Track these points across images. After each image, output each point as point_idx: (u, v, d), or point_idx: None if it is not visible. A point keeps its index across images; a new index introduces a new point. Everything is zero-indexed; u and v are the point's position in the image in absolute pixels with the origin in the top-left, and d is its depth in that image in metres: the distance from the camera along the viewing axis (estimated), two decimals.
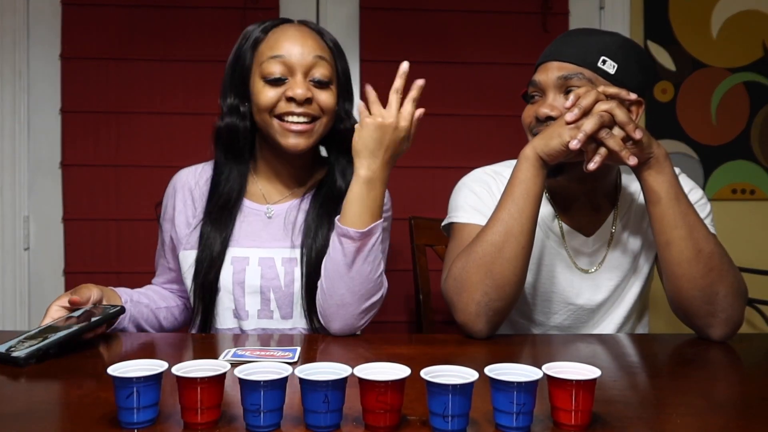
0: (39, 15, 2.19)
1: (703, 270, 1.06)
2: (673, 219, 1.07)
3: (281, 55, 1.18)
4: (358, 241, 1.09)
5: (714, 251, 1.07)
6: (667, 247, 1.08)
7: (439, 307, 1.75)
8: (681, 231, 1.07)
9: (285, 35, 1.20)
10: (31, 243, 2.22)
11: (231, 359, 0.94)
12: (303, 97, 1.17)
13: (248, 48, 1.21)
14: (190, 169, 1.31)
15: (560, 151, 1.07)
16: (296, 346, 1.03)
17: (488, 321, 1.09)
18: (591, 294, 1.25)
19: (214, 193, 1.25)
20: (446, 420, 0.66)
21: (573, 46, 1.17)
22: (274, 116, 1.19)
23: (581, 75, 1.13)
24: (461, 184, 1.31)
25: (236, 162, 1.25)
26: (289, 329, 1.21)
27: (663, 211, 1.08)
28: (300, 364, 0.82)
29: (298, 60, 1.18)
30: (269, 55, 1.18)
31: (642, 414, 0.76)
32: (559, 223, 1.26)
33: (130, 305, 1.20)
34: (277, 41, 1.19)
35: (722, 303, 1.07)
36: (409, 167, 2.26)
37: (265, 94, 1.18)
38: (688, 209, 1.08)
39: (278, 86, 1.18)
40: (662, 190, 1.07)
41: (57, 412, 0.76)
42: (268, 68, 1.18)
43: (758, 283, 2.08)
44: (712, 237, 1.09)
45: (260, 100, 1.18)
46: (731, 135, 2.34)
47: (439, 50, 2.27)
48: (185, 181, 1.28)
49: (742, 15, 2.34)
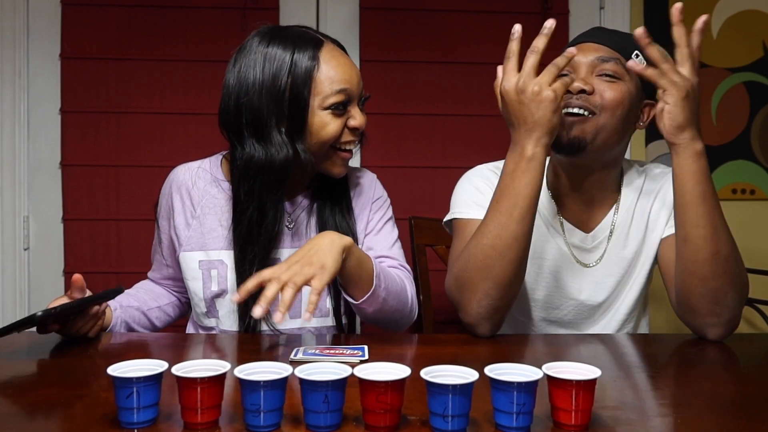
0: (39, 15, 2.19)
1: (717, 272, 1.04)
2: (696, 218, 1.04)
3: (346, 88, 1.14)
4: (365, 307, 1.13)
5: (730, 255, 1.05)
6: (685, 243, 1.06)
7: (439, 307, 1.75)
8: (702, 230, 1.04)
9: (338, 62, 1.15)
10: (31, 243, 2.22)
11: (302, 357, 0.94)
12: (365, 125, 1.18)
13: (302, 77, 1.13)
14: (187, 166, 1.27)
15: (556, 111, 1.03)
16: (364, 344, 1.02)
17: (491, 320, 1.10)
18: (593, 290, 1.25)
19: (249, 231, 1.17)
20: (446, 420, 0.66)
21: (611, 35, 1.19)
22: (330, 145, 1.17)
23: (618, 60, 1.14)
24: (463, 179, 1.30)
25: (274, 196, 1.17)
26: (298, 329, 1.21)
27: (686, 207, 1.04)
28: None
29: (357, 89, 1.17)
30: (337, 88, 1.13)
31: (642, 414, 0.76)
32: (560, 218, 1.26)
33: (120, 312, 1.19)
34: (335, 69, 1.14)
35: (729, 305, 1.06)
36: (409, 167, 2.26)
37: (333, 127, 1.15)
38: (714, 209, 1.04)
39: (341, 117, 1.16)
40: (688, 185, 1.04)
41: (57, 412, 0.76)
42: (334, 100, 1.14)
43: (758, 283, 2.08)
44: (732, 240, 1.06)
45: (327, 133, 1.14)
46: (731, 135, 2.34)
47: (439, 50, 2.27)
48: (182, 180, 1.25)
49: (742, 15, 2.34)
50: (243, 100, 1.13)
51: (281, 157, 1.12)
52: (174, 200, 1.25)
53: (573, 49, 1.05)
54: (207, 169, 1.26)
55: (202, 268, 1.21)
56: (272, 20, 2.09)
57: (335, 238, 1.05)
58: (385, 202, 1.33)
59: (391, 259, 1.26)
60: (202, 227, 1.22)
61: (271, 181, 1.14)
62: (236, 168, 1.16)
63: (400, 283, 1.18)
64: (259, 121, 1.13)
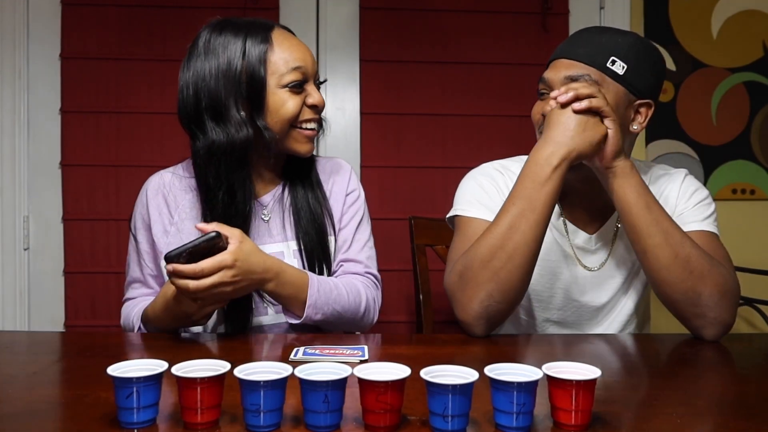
0: (39, 15, 2.19)
1: (683, 274, 1.06)
2: (646, 228, 1.08)
3: (301, 66, 1.18)
4: (310, 321, 1.16)
5: (690, 254, 1.07)
6: (644, 255, 1.09)
7: (439, 307, 1.75)
8: (655, 239, 1.07)
9: (290, 43, 1.20)
10: (30, 243, 2.22)
11: (302, 357, 0.95)
12: (323, 103, 1.21)
13: (256, 59, 1.16)
14: (160, 175, 1.29)
15: (598, 147, 1.08)
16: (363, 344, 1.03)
17: (488, 321, 1.09)
18: (595, 292, 1.25)
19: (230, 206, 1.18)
20: (446, 420, 0.66)
21: (584, 44, 1.17)
22: (291, 124, 1.19)
23: (588, 76, 1.13)
24: (469, 176, 1.30)
25: (240, 174, 1.18)
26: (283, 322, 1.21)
27: (634, 221, 1.09)
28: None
29: (311, 68, 1.21)
30: (292, 66, 1.17)
31: (642, 414, 0.76)
32: (564, 220, 1.26)
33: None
34: (290, 50, 1.19)
35: (708, 304, 1.07)
36: (409, 167, 2.26)
37: (292, 104, 1.18)
38: (660, 216, 1.09)
39: (299, 95, 1.19)
40: (631, 200, 1.09)
41: (57, 412, 0.76)
42: (291, 77, 1.17)
43: (758, 283, 2.09)
44: (689, 240, 1.08)
45: (287, 110, 1.18)
46: (731, 135, 2.34)
47: (439, 50, 2.27)
48: (157, 188, 1.26)
49: (742, 15, 2.34)
50: (200, 86, 1.16)
51: (241, 136, 1.15)
52: (150, 209, 1.25)
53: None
54: (180, 174, 1.27)
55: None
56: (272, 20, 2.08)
57: (254, 284, 1.10)
58: (359, 197, 1.32)
59: (356, 264, 1.27)
60: (181, 233, 1.22)
61: (234, 161, 1.16)
62: (199, 158, 1.17)
63: (350, 295, 1.19)
64: (217, 104, 1.16)
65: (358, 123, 2.24)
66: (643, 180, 1.11)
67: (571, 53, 1.17)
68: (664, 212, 1.10)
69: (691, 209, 1.20)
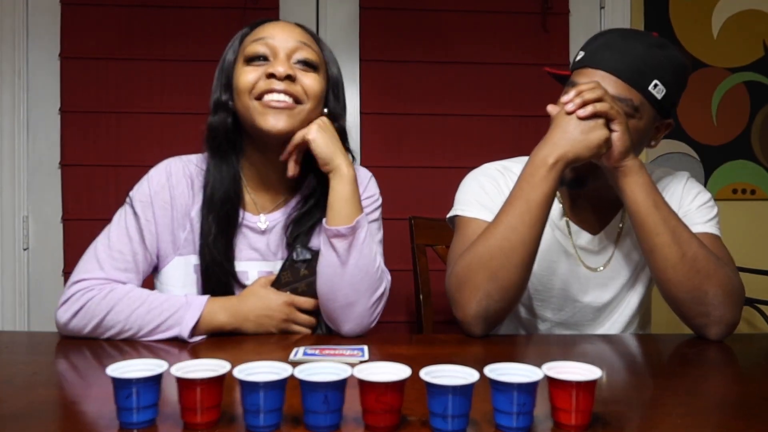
0: (38, 15, 2.19)
1: (689, 273, 1.07)
2: (654, 226, 1.08)
3: (263, 37, 1.15)
4: (349, 236, 1.09)
5: (698, 253, 1.07)
6: (651, 253, 1.10)
7: (439, 307, 1.75)
8: (663, 237, 1.08)
9: (271, 24, 1.20)
10: (30, 243, 2.22)
11: (302, 358, 0.94)
12: (284, 73, 1.11)
13: (235, 43, 1.20)
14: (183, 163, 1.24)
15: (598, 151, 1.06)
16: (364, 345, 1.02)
17: (486, 321, 1.09)
18: (598, 292, 1.25)
19: (210, 202, 1.18)
20: (446, 420, 0.66)
21: (627, 55, 1.11)
22: (254, 98, 1.14)
23: (630, 101, 1.10)
24: (470, 176, 1.30)
25: (225, 163, 1.19)
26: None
27: (643, 219, 1.09)
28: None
29: (282, 42, 1.15)
30: (252, 39, 1.17)
31: (642, 414, 0.76)
32: (567, 220, 1.26)
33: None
34: (261, 28, 1.18)
35: (713, 303, 1.07)
36: (409, 167, 2.26)
37: (245, 75, 1.14)
38: (668, 215, 1.09)
39: (259, 67, 1.14)
40: (640, 198, 1.09)
41: (57, 412, 0.76)
42: (249, 50, 1.15)
43: (758, 283, 2.08)
44: (696, 240, 1.09)
45: (240, 81, 1.14)
46: (732, 135, 2.34)
47: (439, 50, 2.27)
48: (181, 175, 1.22)
49: (742, 15, 2.34)
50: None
51: (217, 118, 1.18)
52: (176, 193, 1.20)
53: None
54: (200, 166, 1.23)
55: (197, 272, 1.18)
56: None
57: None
58: (375, 201, 1.28)
59: None
60: (194, 233, 1.18)
61: (218, 144, 1.19)
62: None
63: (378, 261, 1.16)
64: (212, 96, 1.21)
65: (358, 123, 2.24)
66: (651, 178, 1.11)
67: (612, 65, 1.11)
68: (672, 211, 1.10)
69: (695, 211, 1.21)
